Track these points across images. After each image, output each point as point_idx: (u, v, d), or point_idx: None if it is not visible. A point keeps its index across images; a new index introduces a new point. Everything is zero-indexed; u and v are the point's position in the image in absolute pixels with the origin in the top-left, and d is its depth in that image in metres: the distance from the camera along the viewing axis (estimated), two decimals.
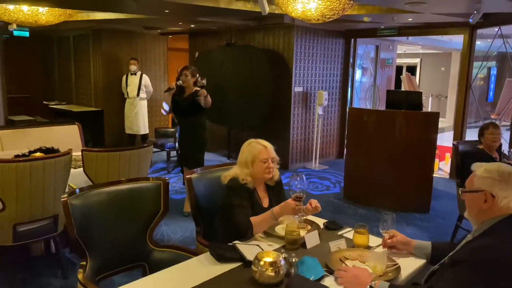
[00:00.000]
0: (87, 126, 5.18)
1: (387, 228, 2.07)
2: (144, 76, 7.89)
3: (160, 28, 8.63)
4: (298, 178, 2.22)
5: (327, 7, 4.63)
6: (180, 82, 4.63)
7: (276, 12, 5.68)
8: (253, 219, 2.22)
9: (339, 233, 2.32)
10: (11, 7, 5.86)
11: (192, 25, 7.80)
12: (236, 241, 2.07)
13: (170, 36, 9.40)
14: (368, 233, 2.13)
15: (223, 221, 2.37)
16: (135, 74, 7.81)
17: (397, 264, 1.88)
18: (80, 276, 1.95)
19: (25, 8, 5.92)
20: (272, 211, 2.20)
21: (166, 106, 4.95)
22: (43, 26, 6.42)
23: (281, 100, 7.08)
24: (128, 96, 7.88)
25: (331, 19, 4.96)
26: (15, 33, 8.33)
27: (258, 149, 2.40)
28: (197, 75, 4.79)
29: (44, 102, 9.85)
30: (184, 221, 4.66)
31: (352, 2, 4.81)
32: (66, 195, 2.04)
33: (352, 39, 7.90)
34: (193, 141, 4.69)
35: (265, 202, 2.46)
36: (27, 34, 8.47)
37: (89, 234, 2.09)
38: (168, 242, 4.10)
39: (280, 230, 2.27)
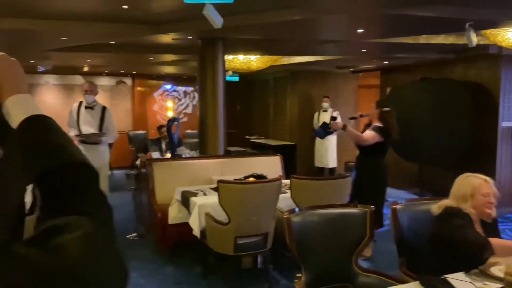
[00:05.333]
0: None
1: None
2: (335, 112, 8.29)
3: (352, 67, 8.99)
4: None
5: None
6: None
7: (481, 42, 5.34)
8: (494, 240, 2.11)
9: None
10: (230, 57, 7.04)
11: (385, 62, 7.90)
12: (447, 275, 2.04)
13: (361, 74, 9.68)
14: None
15: (435, 251, 2.35)
16: (326, 111, 8.28)
17: None
18: (297, 286, 2.22)
19: (241, 57, 7.03)
20: None
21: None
22: (251, 71, 7.47)
23: (483, 136, 6.47)
24: None
25: None
26: (228, 78, 9.83)
27: (478, 183, 2.32)
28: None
29: (246, 136, 11.24)
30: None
31: None
32: (287, 212, 2.37)
33: None
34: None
35: None
36: (237, 79, 9.91)
37: (304, 250, 2.36)
38: None
39: (496, 271, 2.13)
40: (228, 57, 7.04)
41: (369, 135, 4.31)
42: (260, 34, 5.14)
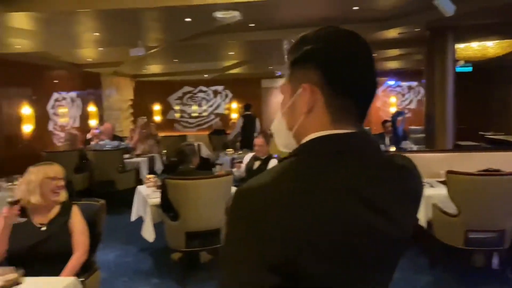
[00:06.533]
0: None
1: None
2: None
3: None
4: None
5: None
6: None
7: None
8: None
9: None
10: (461, 45, 6.60)
11: None
12: None
13: None
14: None
15: None
16: None
17: None
18: None
19: (474, 44, 6.50)
20: None
21: None
22: (487, 58, 6.78)
23: None
24: None
25: None
26: (458, 69, 9.13)
27: None
28: None
29: (480, 132, 10.15)
30: None
31: None
32: None
33: None
34: None
35: None
36: (470, 69, 9.09)
37: None
38: None
39: None
40: (459, 46, 6.61)
41: None
42: (497, 17, 4.70)
